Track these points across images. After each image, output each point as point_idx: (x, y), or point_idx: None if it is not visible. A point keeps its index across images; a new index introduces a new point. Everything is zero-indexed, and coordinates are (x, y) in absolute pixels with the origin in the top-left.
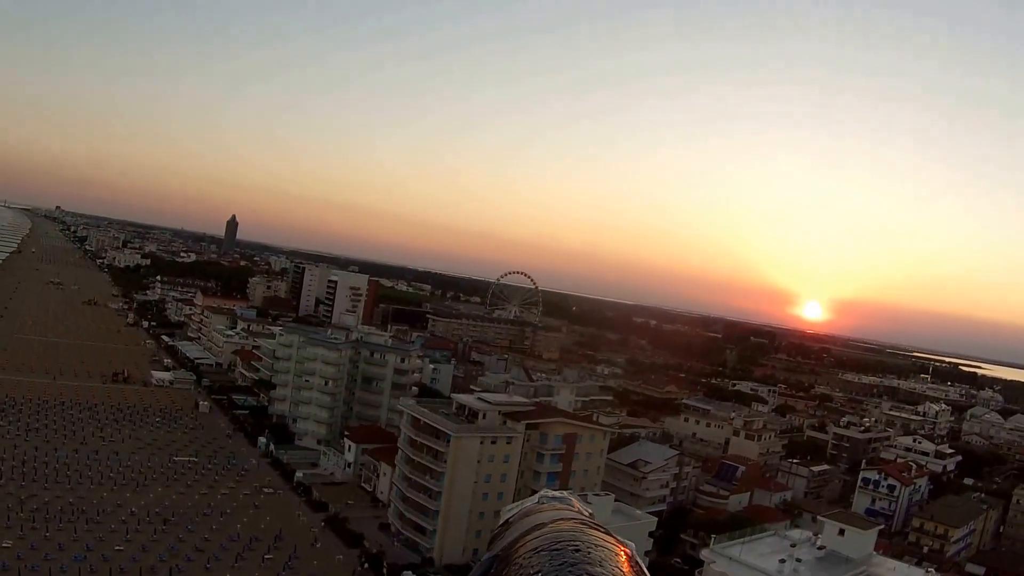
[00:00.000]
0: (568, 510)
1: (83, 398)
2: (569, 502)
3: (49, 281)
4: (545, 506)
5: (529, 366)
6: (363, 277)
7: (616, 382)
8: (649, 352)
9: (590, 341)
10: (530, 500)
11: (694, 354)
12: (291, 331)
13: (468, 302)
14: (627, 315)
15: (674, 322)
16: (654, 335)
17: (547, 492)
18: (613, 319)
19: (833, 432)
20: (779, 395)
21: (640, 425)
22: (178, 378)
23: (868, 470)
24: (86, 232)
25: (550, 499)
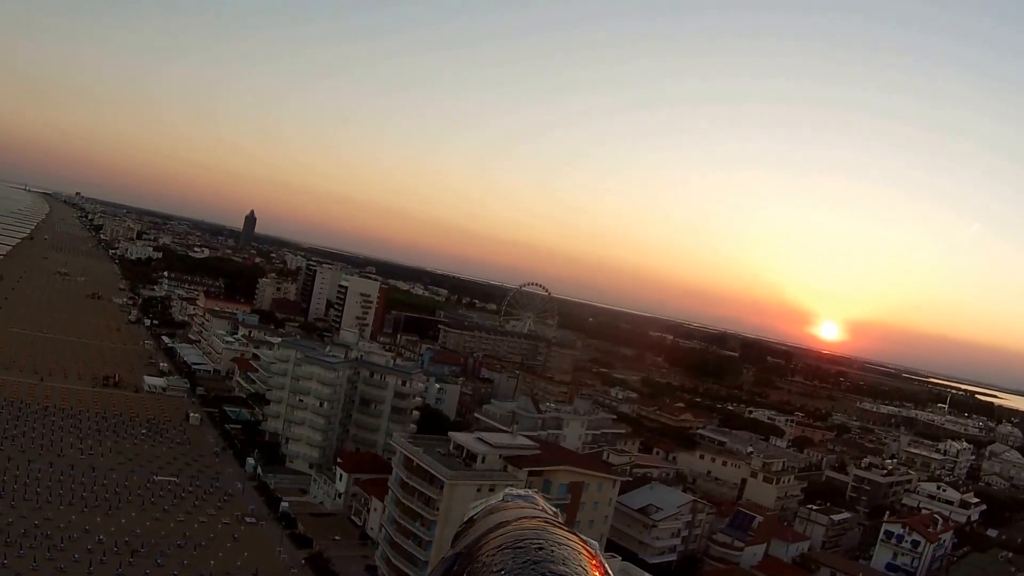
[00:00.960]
0: (532, 508)
1: (68, 403)
2: (534, 500)
3: (56, 271)
4: (510, 504)
5: (540, 388)
6: (374, 283)
7: (630, 407)
8: (665, 370)
9: (605, 357)
10: (495, 498)
11: (710, 373)
12: (288, 345)
13: (483, 309)
14: (643, 328)
15: (690, 337)
16: (670, 351)
17: (512, 490)
18: (629, 333)
19: (854, 474)
20: (796, 424)
21: (653, 464)
22: (171, 385)
23: (892, 522)
24: (102, 221)
25: (515, 497)
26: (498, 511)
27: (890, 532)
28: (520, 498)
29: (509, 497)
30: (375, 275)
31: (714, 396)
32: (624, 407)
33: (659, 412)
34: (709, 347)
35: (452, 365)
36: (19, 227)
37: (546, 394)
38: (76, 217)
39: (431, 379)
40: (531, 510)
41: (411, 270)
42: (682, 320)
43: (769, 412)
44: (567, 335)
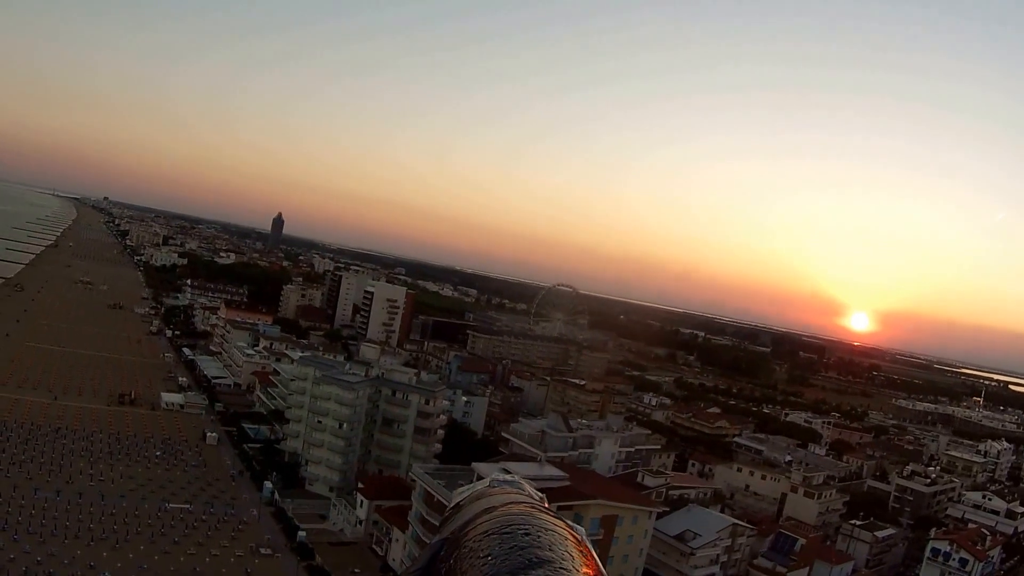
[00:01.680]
0: (519, 494)
1: (81, 424)
2: (520, 486)
3: (78, 280)
4: (496, 490)
5: (571, 398)
6: (400, 289)
7: (664, 414)
8: (697, 369)
9: (636, 358)
10: (481, 483)
11: (742, 371)
12: (306, 362)
13: (513, 310)
14: (674, 324)
15: (721, 333)
16: (702, 349)
17: (498, 476)
18: (659, 330)
19: (896, 483)
20: (832, 426)
21: (690, 485)
22: (189, 402)
23: (939, 539)
24: (128, 226)
25: (501, 483)
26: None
27: (937, 550)
28: (506, 484)
29: (496, 483)
30: (404, 276)
31: (748, 397)
32: (657, 414)
33: (693, 419)
34: (741, 343)
35: (480, 373)
36: (45, 234)
37: (577, 403)
38: (103, 222)
39: (458, 392)
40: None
41: (441, 270)
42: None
43: (805, 415)
44: (598, 336)
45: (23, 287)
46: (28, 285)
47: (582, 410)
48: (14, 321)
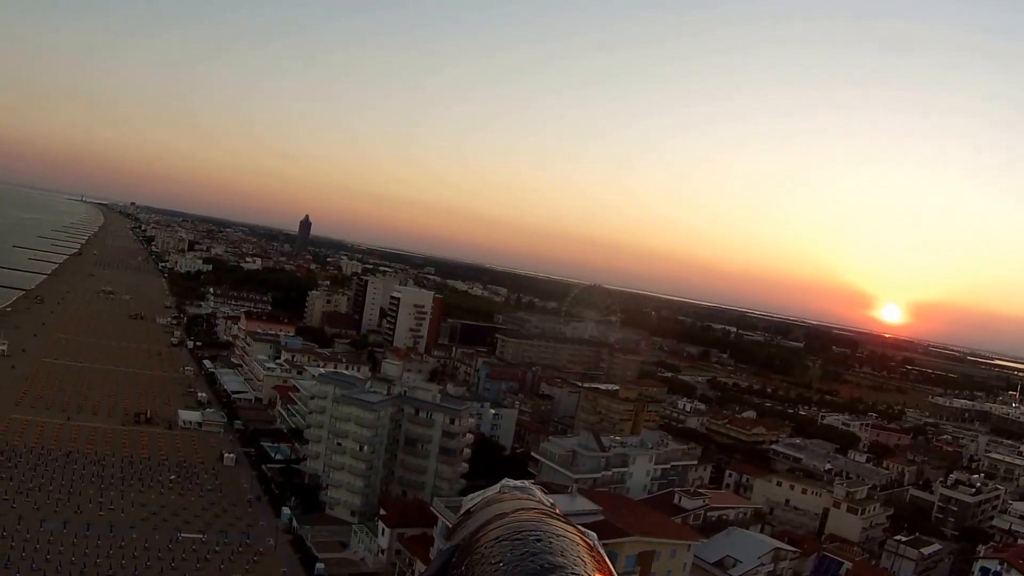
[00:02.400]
0: (530, 500)
1: (94, 447)
2: (531, 492)
3: (101, 290)
4: (507, 496)
5: (603, 407)
6: (427, 294)
7: (698, 420)
8: (731, 368)
9: (669, 358)
10: (492, 489)
11: (776, 368)
12: (326, 380)
13: (544, 309)
14: (705, 319)
15: (753, 328)
16: (734, 347)
17: (508, 482)
18: (691, 326)
19: (940, 493)
20: (870, 427)
21: (729, 505)
22: (207, 419)
23: (988, 557)
24: (154, 232)
25: (512, 488)
26: (495, 503)
27: (986, 569)
28: (517, 489)
29: (506, 489)
30: (433, 275)
31: (783, 398)
32: (692, 421)
33: (729, 426)
34: (773, 338)
35: (509, 381)
36: (70, 242)
37: (609, 412)
38: (129, 228)
39: (485, 405)
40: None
41: (470, 268)
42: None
43: (843, 417)
44: (630, 335)
45: (43, 299)
46: (49, 296)
47: (615, 419)
48: (31, 335)
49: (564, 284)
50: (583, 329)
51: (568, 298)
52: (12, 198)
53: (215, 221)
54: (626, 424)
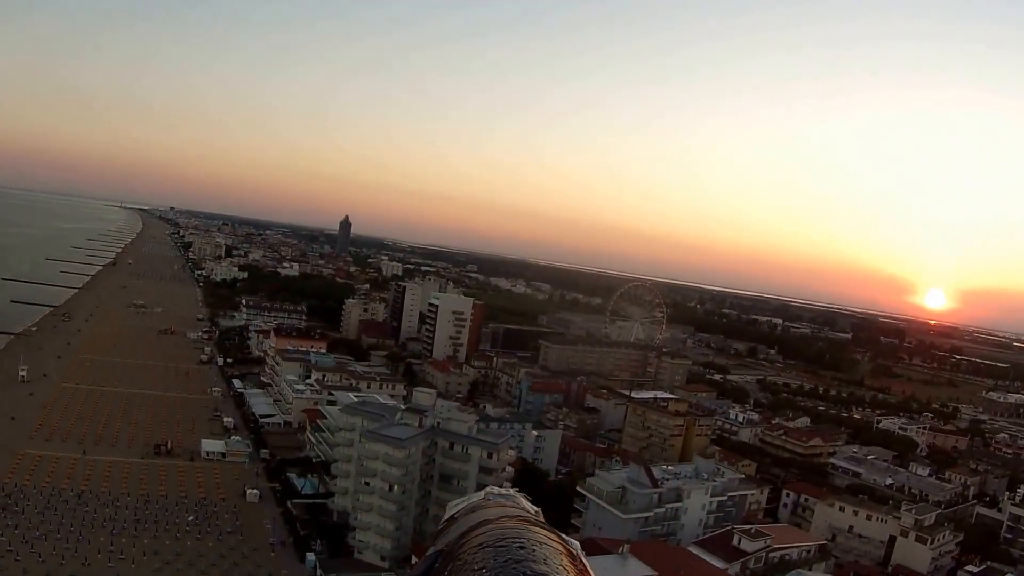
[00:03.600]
0: (514, 507)
1: (109, 485)
2: (516, 499)
3: (131, 303)
4: (491, 503)
5: (652, 422)
6: (467, 300)
7: (752, 432)
8: (780, 365)
9: (717, 357)
10: (476, 496)
11: (825, 364)
12: (352, 411)
13: (588, 306)
14: (749, 311)
15: (798, 319)
16: (781, 341)
17: (493, 489)
18: (736, 320)
19: (1009, 511)
20: (927, 430)
21: (792, 544)
22: (231, 449)
23: None
24: (192, 238)
25: (496, 496)
26: (479, 509)
27: None
28: (501, 497)
29: (491, 496)
30: (476, 273)
31: (835, 399)
32: (745, 432)
33: (785, 438)
34: (820, 330)
35: (553, 393)
36: (105, 251)
37: (659, 428)
38: (168, 234)
39: (527, 426)
40: (512, 509)
41: (513, 263)
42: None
43: (899, 421)
44: (676, 334)
45: (71, 316)
46: (78, 312)
47: (664, 435)
48: (55, 357)
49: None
50: (628, 330)
51: (613, 298)
52: (52, 207)
53: (256, 223)
54: (676, 440)
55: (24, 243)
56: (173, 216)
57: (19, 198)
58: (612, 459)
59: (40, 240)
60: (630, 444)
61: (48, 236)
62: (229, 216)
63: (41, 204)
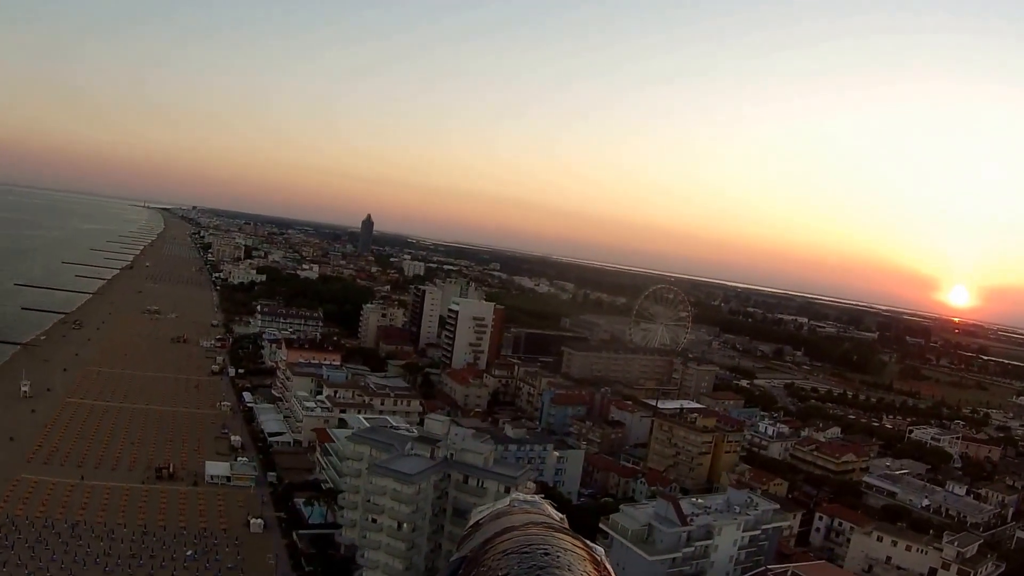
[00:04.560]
0: (539, 514)
1: (106, 514)
2: (540, 506)
3: (145, 309)
4: (516, 509)
5: (679, 439)
6: (488, 305)
7: (782, 446)
8: (807, 368)
9: (743, 361)
10: (501, 503)
11: (852, 365)
12: (360, 439)
13: (611, 306)
14: (774, 309)
15: (824, 318)
16: (808, 343)
17: (518, 495)
18: (762, 320)
19: None
20: (960, 439)
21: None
22: (236, 473)
23: None
24: (213, 238)
25: (521, 502)
26: (504, 516)
27: None
28: (526, 503)
29: (515, 503)
30: (499, 271)
31: (865, 405)
32: (775, 447)
33: (817, 453)
34: (846, 329)
35: (576, 406)
36: (123, 253)
37: (686, 445)
38: (189, 235)
39: (548, 447)
40: (537, 515)
41: (536, 261)
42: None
43: (932, 431)
44: (702, 335)
45: (82, 323)
46: (89, 320)
47: (692, 453)
48: (61, 370)
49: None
50: (653, 332)
51: (638, 301)
52: (76, 208)
53: (279, 222)
54: (704, 459)
55: (42, 245)
56: (195, 216)
57: (45, 198)
58: (637, 479)
59: (59, 242)
60: (656, 462)
61: (67, 238)
62: (252, 215)
63: (65, 204)
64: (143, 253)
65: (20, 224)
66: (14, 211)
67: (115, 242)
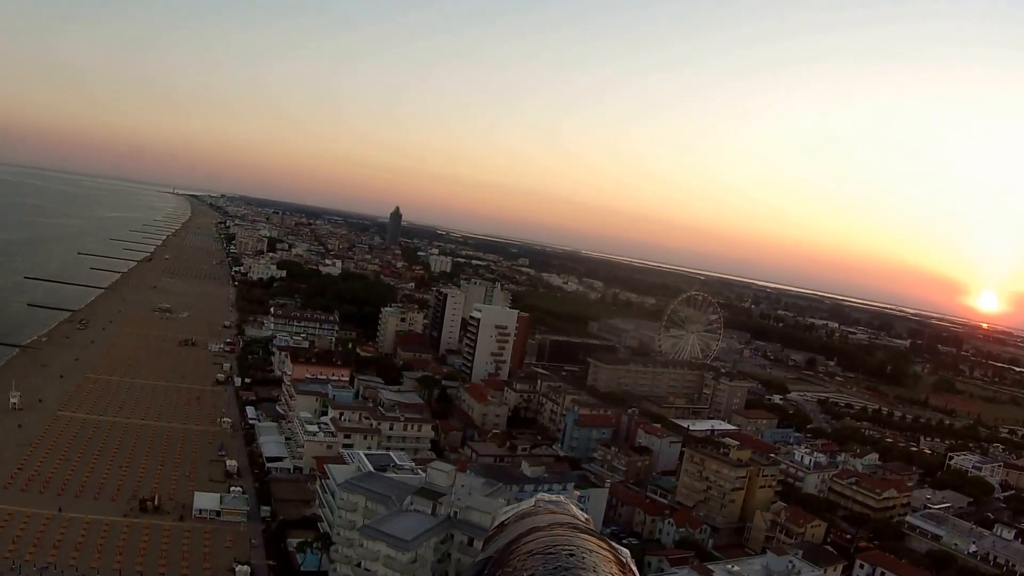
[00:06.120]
0: (564, 515)
1: (80, 553)
2: (566, 506)
3: (157, 307)
4: (541, 510)
5: (711, 472)
6: (512, 313)
7: (819, 477)
8: (840, 379)
9: (775, 372)
10: (526, 503)
11: (886, 377)
12: (353, 488)
13: (641, 307)
14: (803, 312)
15: (854, 323)
16: (841, 352)
17: (543, 496)
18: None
19: None
20: (1002, 466)
21: None
22: (227, 507)
23: None
24: (237, 229)
25: (546, 503)
26: (529, 516)
27: None
28: (551, 504)
29: (541, 503)
30: (527, 267)
31: (901, 424)
32: (811, 478)
33: (856, 487)
34: (877, 336)
35: (602, 427)
36: (146, 243)
37: (718, 481)
38: (214, 224)
39: (568, 487)
40: (562, 516)
41: (565, 256)
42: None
43: (972, 458)
44: (733, 344)
45: (88, 323)
46: (96, 319)
47: (724, 489)
48: (58, 377)
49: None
50: (683, 340)
51: (667, 310)
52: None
53: (309, 211)
54: (737, 495)
55: (61, 235)
56: (224, 204)
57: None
58: (665, 519)
59: (79, 231)
60: (685, 496)
61: (87, 227)
62: (283, 203)
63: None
64: (164, 244)
65: (42, 211)
66: (38, 197)
67: (137, 231)
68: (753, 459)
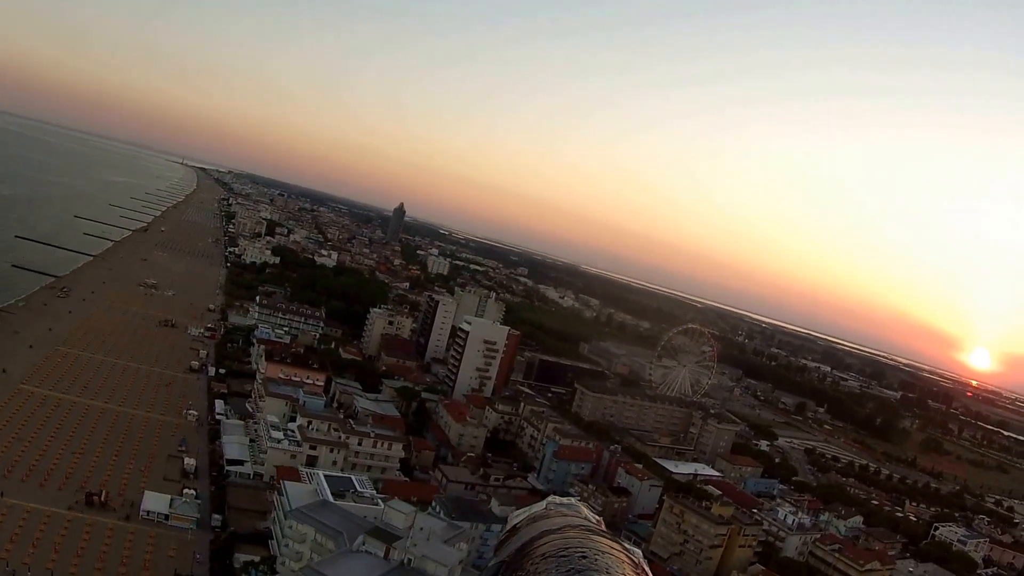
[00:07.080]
0: (576, 517)
1: (13, 549)
2: (577, 509)
3: (143, 282)
4: (553, 512)
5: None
6: (503, 329)
7: (801, 540)
8: (828, 427)
9: (763, 415)
10: (537, 506)
11: (875, 431)
12: (302, 518)
13: (635, 330)
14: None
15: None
16: (831, 399)
17: (554, 499)
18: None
19: None
20: (987, 541)
21: None
22: (175, 512)
23: None
24: (239, 207)
25: (558, 505)
26: (541, 519)
27: None
28: (563, 506)
29: (552, 506)
30: (525, 277)
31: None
32: (792, 540)
33: (838, 555)
34: (868, 384)
35: (581, 463)
36: (145, 212)
37: (696, 536)
38: (217, 199)
39: None
40: (574, 518)
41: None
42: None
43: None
44: (724, 380)
45: (69, 291)
46: (79, 287)
47: (702, 545)
48: (27, 346)
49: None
50: (675, 372)
51: (662, 341)
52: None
53: (315, 195)
54: (715, 552)
55: (61, 195)
56: (230, 180)
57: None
58: None
59: (80, 194)
60: (661, 547)
61: (90, 189)
62: (288, 185)
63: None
64: (163, 215)
65: (47, 169)
66: (45, 153)
67: (139, 199)
68: (735, 516)
